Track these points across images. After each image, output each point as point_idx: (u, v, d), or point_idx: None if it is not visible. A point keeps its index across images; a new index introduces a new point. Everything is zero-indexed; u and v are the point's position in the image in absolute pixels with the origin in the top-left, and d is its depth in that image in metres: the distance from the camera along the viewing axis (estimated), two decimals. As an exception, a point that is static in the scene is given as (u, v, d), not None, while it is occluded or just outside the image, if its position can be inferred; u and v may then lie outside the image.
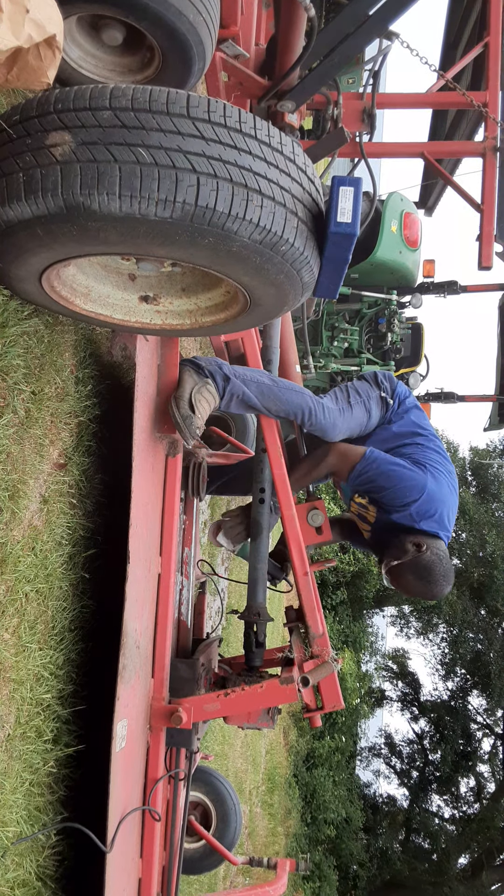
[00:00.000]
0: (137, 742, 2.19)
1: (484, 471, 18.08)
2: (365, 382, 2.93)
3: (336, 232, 1.59)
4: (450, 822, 18.67)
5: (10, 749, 1.82)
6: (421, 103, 4.02)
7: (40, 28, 1.31)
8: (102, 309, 1.93)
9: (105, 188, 1.35)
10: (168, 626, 2.35)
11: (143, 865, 2.25)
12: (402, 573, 2.60)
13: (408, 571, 2.58)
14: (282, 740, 10.63)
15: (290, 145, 1.52)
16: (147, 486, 2.29)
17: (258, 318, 1.87)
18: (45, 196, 1.36)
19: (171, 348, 2.46)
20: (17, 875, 1.84)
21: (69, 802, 2.09)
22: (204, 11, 1.80)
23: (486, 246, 3.77)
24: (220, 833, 3.09)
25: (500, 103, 3.80)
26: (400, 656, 20.24)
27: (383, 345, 6.98)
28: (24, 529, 1.91)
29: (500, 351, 6.98)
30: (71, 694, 2.13)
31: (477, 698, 18.36)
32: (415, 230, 6.81)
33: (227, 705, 2.35)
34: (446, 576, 2.59)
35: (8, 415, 1.80)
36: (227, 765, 5.60)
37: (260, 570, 2.63)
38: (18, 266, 1.58)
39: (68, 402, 2.17)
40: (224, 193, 1.39)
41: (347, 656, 14.06)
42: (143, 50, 1.97)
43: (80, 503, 2.25)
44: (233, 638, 5.84)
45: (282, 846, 8.96)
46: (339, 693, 2.50)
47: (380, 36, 3.05)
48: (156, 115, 1.38)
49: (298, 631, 2.57)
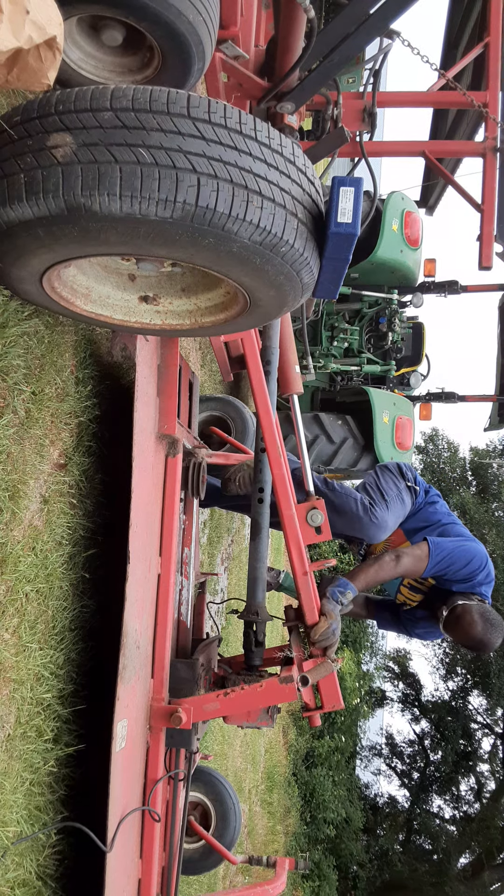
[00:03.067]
0: (137, 742, 2.19)
1: (484, 470, 18.08)
2: (390, 474, 3.14)
3: (336, 232, 1.59)
4: (450, 822, 18.67)
5: (10, 748, 1.83)
6: (421, 102, 4.03)
7: (41, 29, 1.31)
8: (102, 309, 1.93)
9: (106, 189, 1.35)
10: (168, 627, 2.35)
11: (142, 866, 2.25)
12: (469, 612, 2.88)
13: (475, 612, 2.88)
14: (281, 739, 10.63)
15: (290, 147, 1.52)
16: (147, 486, 2.29)
17: (258, 318, 1.87)
18: (47, 197, 1.37)
19: (171, 348, 2.46)
20: (17, 874, 1.84)
21: (69, 802, 2.10)
22: (204, 12, 1.80)
23: (486, 246, 3.77)
24: (219, 832, 3.09)
25: (500, 103, 3.80)
26: (401, 657, 20.24)
27: (384, 344, 6.98)
28: (25, 529, 1.92)
29: (501, 351, 6.98)
30: (71, 694, 2.13)
31: (477, 698, 18.37)
32: (416, 229, 6.80)
33: (226, 705, 2.35)
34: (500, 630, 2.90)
35: (8, 415, 1.80)
36: (226, 764, 5.61)
37: (259, 569, 2.64)
38: (19, 267, 1.58)
39: (68, 402, 2.17)
40: (224, 194, 1.40)
41: (347, 656, 14.07)
42: (143, 50, 1.97)
43: (80, 503, 2.25)
44: (233, 638, 5.84)
45: (281, 845, 8.97)
46: (339, 693, 2.50)
47: (380, 35, 3.05)
48: (156, 116, 1.38)
49: (298, 630, 2.58)
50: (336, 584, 2.64)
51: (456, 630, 2.94)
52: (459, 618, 2.91)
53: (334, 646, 2.49)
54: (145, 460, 2.28)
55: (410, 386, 7.19)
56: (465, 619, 2.89)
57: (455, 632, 2.95)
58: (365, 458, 6.49)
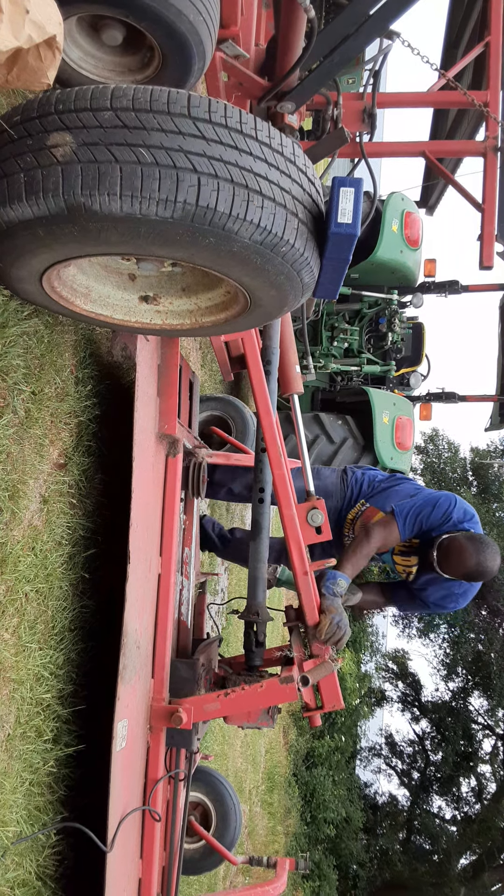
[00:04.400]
0: (137, 742, 2.19)
1: (484, 471, 18.08)
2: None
3: (336, 232, 1.59)
4: (450, 822, 18.66)
5: (10, 749, 1.82)
6: (422, 102, 4.03)
7: (40, 29, 1.30)
8: (102, 309, 1.93)
9: (106, 188, 1.35)
10: (168, 627, 2.35)
11: (143, 866, 2.25)
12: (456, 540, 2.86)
13: (462, 538, 2.85)
14: (281, 739, 10.63)
15: (290, 146, 1.52)
16: (147, 485, 2.29)
17: (258, 318, 1.87)
18: (47, 197, 1.36)
19: (172, 348, 2.46)
20: (17, 875, 1.84)
21: (69, 802, 2.10)
22: (204, 11, 1.80)
23: (486, 246, 3.77)
24: (219, 833, 3.09)
25: (500, 103, 3.80)
26: (400, 657, 20.24)
27: (384, 345, 6.97)
28: (24, 529, 1.92)
29: (501, 351, 6.98)
30: (71, 694, 2.13)
31: (478, 699, 18.36)
32: (416, 229, 6.80)
33: (227, 705, 2.35)
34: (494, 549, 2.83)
35: (8, 415, 1.80)
36: (226, 764, 5.60)
37: (259, 569, 2.63)
38: (19, 266, 1.58)
39: (68, 402, 2.17)
40: (225, 194, 1.39)
41: (347, 657, 14.06)
42: (143, 50, 1.97)
43: (80, 503, 2.25)
44: (233, 638, 5.84)
45: (281, 845, 8.96)
46: (339, 693, 2.50)
47: (380, 36, 3.05)
48: (157, 115, 1.38)
49: (298, 630, 2.57)
50: (326, 578, 2.64)
51: (450, 563, 2.87)
52: (448, 549, 2.86)
53: (346, 637, 2.46)
54: (145, 460, 2.28)
55: (410, 386, 7.19)
56: (455, 548, 2.84)
57: (451, 566, 2.88)
58: (365, 458, 6.49)
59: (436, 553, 2.91)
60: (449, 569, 2.90)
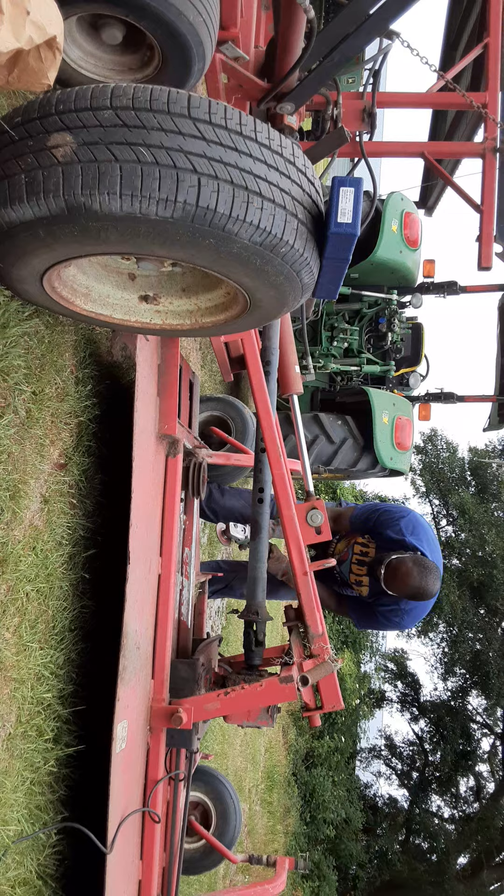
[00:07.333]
0: (138, 743, 2.19)
1: (483, 471, 18.08)
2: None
3: (336, 232, 1.60)
4: (449, 821, 18.66)
5: (10, 748, 1.83)
6: (421, 103, 4.03)
7: (41, 30, 1.31)
8: (102, 309, 1.93)
9: (106, 188, 1.36)
10: (168, 627, 2.35)
11: (143, 867, 2.25)
12: (403, 563, 3.04)
13: (408, 561, 3.04)
14: (281, 739, 10.63)
15: (290, 148, 1.52)
16: (147, 486, 2.29)
17: (258, 318, 1.87)
18: (47, 197, 1.37)
19: (172, 348, 2.46)
20: (17, 874, 1.84)
21: (69, 802, 2.10)
22: (204, 11, 1.80)
23: (485, 246, 3.77)
24: (219, 831, 3.09)
25: (499, 104, 3.80)
26: (399, 657, 20.24)
27: (383, 345, 6.97)
28: (25, 529, 1.92)
29: (500, 351, 6.98)
30: (71, 694, 2.13)
31: (476, 698, 18.36)
32: (415, 230, 6.79)
33: (227, 704, 2.35)
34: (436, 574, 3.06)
35: (9, 415, 1.80)
36: (226, 763, 5.61)
37: (259, 569, 2.63)
38: (20, 267, 1.59)
39: (68, 402, 2.18)
40: (225, 195, 1.40)
41: (347, 657, 14.06)
42: (143, 49, 1.97)
43: (80, 503, 2.25)
44: (233, 637, 5.84)
45: (281, 844, 8.96)
46: (339, 693, 2.50)
47: (380, 36, 3.05)
48: (157, 115, 1.38)
49: (298, 630, 2.57)
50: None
51: (396, 583, 3.07)
52: (395, 570, 3.06)
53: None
54: (145, 460, 2.28)
55: (410, 386, 7.18)
56: (401, 571, 3.04)
57: (396, 585, 3.08)
58: (365, 458, 6.49)
59: (383, 570, 3.09)
60: (393, 587, 3.10)
